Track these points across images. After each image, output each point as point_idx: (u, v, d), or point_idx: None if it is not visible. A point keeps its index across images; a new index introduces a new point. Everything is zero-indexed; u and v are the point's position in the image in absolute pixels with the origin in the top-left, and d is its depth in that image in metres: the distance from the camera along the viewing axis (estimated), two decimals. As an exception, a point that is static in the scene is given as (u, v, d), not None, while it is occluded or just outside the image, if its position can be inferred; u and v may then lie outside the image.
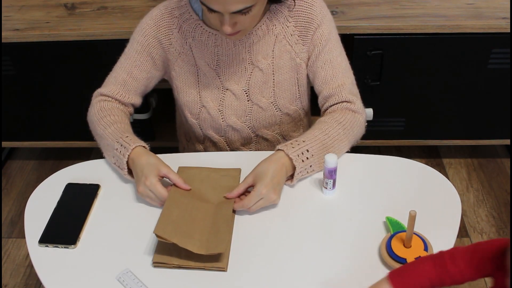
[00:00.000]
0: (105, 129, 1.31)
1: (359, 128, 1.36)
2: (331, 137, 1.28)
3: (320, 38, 1.35)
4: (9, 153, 2.45)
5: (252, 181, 1.20)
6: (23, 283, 1.89)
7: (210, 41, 1.35)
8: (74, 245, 1.13)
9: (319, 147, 1.26)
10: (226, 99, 1.41)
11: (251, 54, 1.36)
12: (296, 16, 1.34)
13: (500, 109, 2.04)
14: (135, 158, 1.23)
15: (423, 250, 1.05)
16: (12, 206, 2.19)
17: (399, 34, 1.85)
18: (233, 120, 1.43)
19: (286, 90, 1.41)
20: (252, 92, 1.40)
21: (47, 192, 1.27)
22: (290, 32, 1.35)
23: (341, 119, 1.32)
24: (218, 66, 1.37)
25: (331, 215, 1.18)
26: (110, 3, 2.02)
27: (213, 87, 1.40)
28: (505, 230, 2.00)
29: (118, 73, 1.41)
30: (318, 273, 1.06)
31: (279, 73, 1.38)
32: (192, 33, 1.36)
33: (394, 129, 2.12)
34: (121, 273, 1.06)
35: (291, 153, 1.23)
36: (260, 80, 1.38)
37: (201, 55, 1.37)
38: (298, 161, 1.23)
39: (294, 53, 1.37)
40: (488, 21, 1.82)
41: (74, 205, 1.22)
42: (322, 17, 1.34)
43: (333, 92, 1.35)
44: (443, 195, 1.22)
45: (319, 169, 1.27)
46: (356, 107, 1.35)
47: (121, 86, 1.40)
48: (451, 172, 2.26)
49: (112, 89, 1.40)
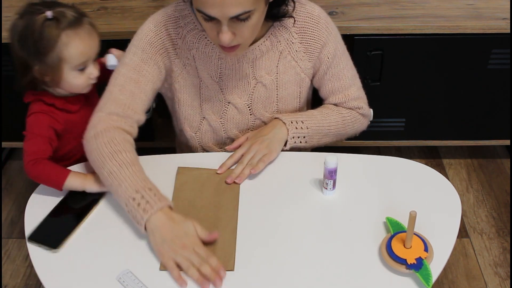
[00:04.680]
0: (120, 169, 1.14)
1: (360, 125, 1.42)
2: (328, 121, 1.34)
3: (327, 56, 1.35)
4: (9, 153, 2.45)
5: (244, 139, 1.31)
6: (23, 284, 1.89)
7: (214, 54, 1.31)
8: (56, 249, 1.11)
9: (314, 124, 1.31)
10: (229, 112, 1.39)
11: (254, 69, 1.33)
12: (302, 33, 1.32)
13: (500, 109, 2.04)
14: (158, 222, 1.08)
15: (423, 251, 1.05)
16: (12, 206, 2.19)
17: (399, 34, 1.85)
18: (234, 133, 1.42)
19: (288, 105, 1.40)
20: (255, 107, 1.39)
21: (49, 191, 1.26)
22: (296, 48, 1.33)
23: (344, 112, 1.38)
24: (221, 79, 1.34)
25: (331, 216, 1.18)
26: (110, 3, 2.02)
27: (215, 100, 1.37)
28: (505, 231, 2.00)
29: (122, 86, 1.26)
30: (318, 273, 1.06)
31: (283, 88, 1.37)
32: (196, 44, 1.30)
33: (394, 130, 2.12)
34: (121, 274, 1.06)
35: (285, 118, 1.30)
36: (263, 95, 1.37)
37: (204, 67, 1.33)
38: (292, 127, 1.29)
39: (300, 68, 1.35)
40: (488, 22, 1.82)
41: (73, 208, 1.21)
42: (328, 34, 1.33)
43: (340, 101, 1.40)
44: (443, 195, 1.22)
45: (312, 144, 1.32)
46: (363, 111, 1.41)
47: (128, 102, 1.25)
48: (451, 172, 2.26)
49: (116, 110, 1.24)
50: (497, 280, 1.83)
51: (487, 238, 1.97)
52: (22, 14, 1.26)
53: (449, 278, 1.84)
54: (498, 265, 1.87)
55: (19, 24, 1.25)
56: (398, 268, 1.04)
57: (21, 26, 1.24)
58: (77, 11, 1.28)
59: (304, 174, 1.27)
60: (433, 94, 2.00)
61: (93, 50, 1.29)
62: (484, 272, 1.85)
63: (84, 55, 1.26)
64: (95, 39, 1.29)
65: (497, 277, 1.83)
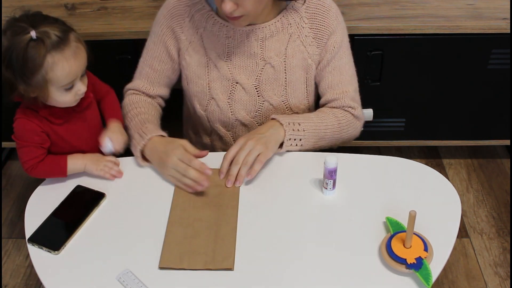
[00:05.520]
0: (130, 122, 1.36)
1: (353, 130, 1.42)
2: (325, 124, 1.34)
3: (333, 45, 1.36)
4: (9, 153, 2.45)
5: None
6: (23, 284, 1.89)
7: (221, 32, 1.35)
8: (57, 251, 1.11)
9: (311, 126, 1.32)
10: (236, 92, 1.41)
11: (263, 49, 1.36)
12: (313, 18, 1.34)
13: (500, 109, 2.04)
14: (153, 147, 1.27)
15: (423, 251, 1.05)
16: (12, 206, 2.19)
17: (399, 34, 1.85)
18: (242, 115, 1.44)
19: (297, 90, 1.41)
20: (263, 89, 1.40)
21: (49, 191, 1.26)
22: (305, 33, 1.35)
23: (339, 115, 1.38)
24: (229, 58, 1.37)
25: (331, 215, 1.18)
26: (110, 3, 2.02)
27: (223, 79, 1.40)
28: (505, 231, 2.00)
29: (141, 66, 1.46)
30: (318, 273, 1.06)
31: (291, 72, 1.39)
32: (204, 24, 1.36)
33: (394, 130, 2.12)
34: (121, 273, 1.06)
35: (283, 119, 1.30)
36: (271, 77, 1.39)
37: (212, 46, 1.37)
38: (289, 128, 1.29)
39: (307, 53, 1.37)
40: (488, 22, 1.82)
41: (74, 210, 1.21)
42: (337, 23, 1.36)
43: (337, 97, 1.39)
44: (443, 195, 1.22)
45: (307, 148, 1.32)
46: (357, 113, 1.41)
47: (145, 79, 1.45)
48: (451, 172, 2.26)
49: (137, 83, 1.46)
50: (497, 280, 1.83)
51: (487, 238, 1.97)
52: (5, 31, 1.20)
53: (449, 278, 1.84)
54: (498, 265, 1.87)
55: (4, 43, 1.19)
56: (398, 268, 1.04)
57: (5, 46, 1.19)
58: (61, 28, 1.21)
59: (304, 174, 1.26)
60: (433, 94, 2.00)
61: (80, 68, 1.24)
62: (484, 272, 1.85)
63: (71, 75, 1.22)
64: (81, 55, 1.24)
65: (497, 277, 1.83)
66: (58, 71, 1.19)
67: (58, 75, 1.19)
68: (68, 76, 1.21)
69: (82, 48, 1.24)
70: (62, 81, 1.21)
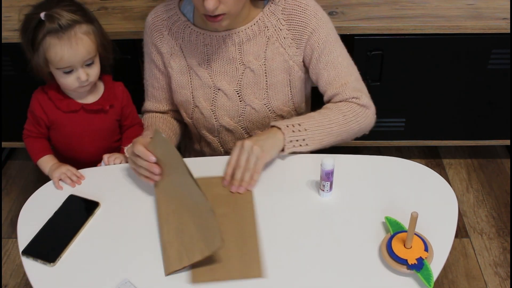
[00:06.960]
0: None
1: (364, 119, 1.37)
2: (328, 120, 1.31)
3: (318, 42, 1.35)
4: (9, 153, 2.45)
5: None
6: (23, 284, 1.89)
7: (199, 41, 1.36)
8: (53, 263, 1.09)
9: (313, 124, 1.29)
10: (218, 99, 1.41)
11: (241, 54, 1.36)
12: (290, 20, 1.34)
13: (500, 109, 2.04)
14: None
15: (423, 251, 1.05)
16: (12, 206, 2.19)
17: (399, 34, 1.85)
18: (226, 120, 1.44)
19: (279, 92, 1.41)
20: (245, 93, 1.40)
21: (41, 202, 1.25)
22: (284, 35, 1.35)
23: (344, 108, 1.34)
24: (209, 65, 1.38)
25: (331, 217, 1.17)
26: (110, 3, 2.02)
27: (205, 87, 1.40)
28: (505, 231, 2.00)
29: (146, 87, 1.51)
30: (318, 274, 1.06)
31: (272, 75, 1.38)
32: (182, 34, 1.38)
33: (394, 130, 2.12)
34: (120, 283, 1.05)
35: (280, 123, 1.28)
36: (251, 80, 1.38)
37: (191, 55, 1.39)
38: (287, 130, 1.27)
39: (288, 55, 1.37)
40: (488, 22, 1.82)
41: (68, 221, 1.18)
42: (317, 20, 1.34)
43: (337, 91, 1.36)
44: (440, 195, 1.22)
45: (315, 147, 1.30)
46: (362, 101, 1.36)
47: (152, 99, 1.50)
48: (451, 172, 2.26)
49: (147, 105, 1.52)
50: (497, 280, 1.83)
51: (487, 238, 1.97)
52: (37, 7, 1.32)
53: (449, 278, 1.84)
54: (498, 265, 1.87)
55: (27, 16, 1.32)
56: (399, 268, 1.04)
57: (23, 20, 1.32)
58: (71, 18, 1.29)
59: (301, 176, 1.26)
60: (433, 94, 2.01)
61: (78, 57, 1.31)
62: (484, 272, 1.85)
63: (65, 61, 1.31)
64: (83, 46, 1.31)
65: (497, 277, 1.84)
66: (52, 55, 1.30)
67: (52, 57, 1.31)
68: (62, 61, 1.30)
69: (87, 41, 1.32)
70: (56, 64, 1.32)
